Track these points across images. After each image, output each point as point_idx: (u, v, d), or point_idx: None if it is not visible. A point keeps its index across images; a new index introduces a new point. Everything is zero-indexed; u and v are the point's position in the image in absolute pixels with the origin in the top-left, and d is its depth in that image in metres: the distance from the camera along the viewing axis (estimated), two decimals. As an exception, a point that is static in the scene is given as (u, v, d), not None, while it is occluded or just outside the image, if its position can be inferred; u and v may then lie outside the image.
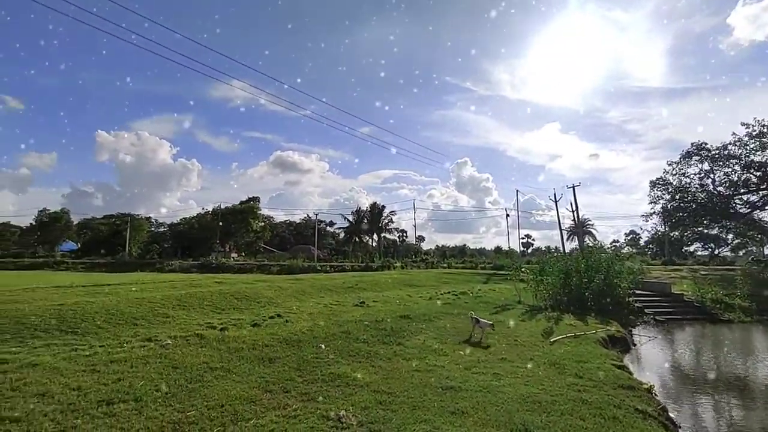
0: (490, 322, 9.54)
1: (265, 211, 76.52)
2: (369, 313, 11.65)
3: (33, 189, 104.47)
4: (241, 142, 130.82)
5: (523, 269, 21.12)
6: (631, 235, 78.05)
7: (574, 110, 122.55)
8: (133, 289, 12.89)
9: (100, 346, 6.94)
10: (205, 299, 11.37)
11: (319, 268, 39.93)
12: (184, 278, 21.72)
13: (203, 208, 72.69)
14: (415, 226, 66.23)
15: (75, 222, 74.61)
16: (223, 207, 66.43)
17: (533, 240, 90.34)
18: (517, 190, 73.00)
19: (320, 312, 11.57)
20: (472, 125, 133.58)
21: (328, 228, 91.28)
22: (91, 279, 21.12)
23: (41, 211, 72.73)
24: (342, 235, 78.81)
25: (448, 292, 17.94)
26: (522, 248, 77.93)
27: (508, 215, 57.89)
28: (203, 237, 65.35)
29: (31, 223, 73.21)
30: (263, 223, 73.12)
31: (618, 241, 76.71)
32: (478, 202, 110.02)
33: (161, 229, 77.60)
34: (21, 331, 7.28)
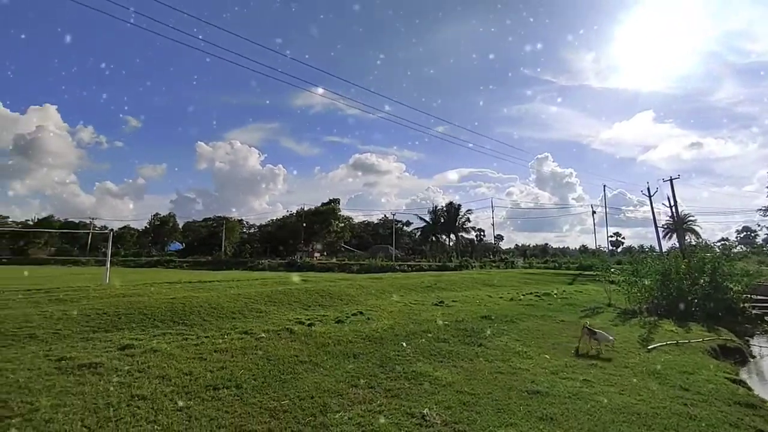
0: (612, 337, 8.25)
1: (344, 212, 79.08)
2: (448, 312, 11.59)
3: (147, 196, 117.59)
4: (322, 146, 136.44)
5: (613, 269, 19.66)
6: (744, 233, 69.26)
7: (671, 95, 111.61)
8: (230, 286, 14.01)
9: (205, 337, 7.66)
10: (293, 296, 12.05)
11: (397, 267, 40.40)
12: (273, 276, 23.17)
13: (288, 211, 76.92)
14: (493, 225, 64.52)
15: (180, 225, 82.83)
16: (306, 209, 69.78)
17: (623, 238, 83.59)
18: (604, 185, 67.69)
19: (400, 311, 11.74)
20: (553, 118, 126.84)
21: (404, 228, 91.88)
22: (195, 276, 23.31)
23: (154, 215, 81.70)
24: (419, 234, 78.94)
25: (530, 293, 17.25)
26: (611, 247, 72.50)
27: (594, 212, 54.11)
28: (289, 237, 69.07)
29: (146, 226, 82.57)
30: (343, 224, 75.60)
31: (727, 239, 68.35)
32: (560, 198, 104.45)
33: (251, 230, 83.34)
34: (143, 320, 8.28)
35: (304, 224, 66.00)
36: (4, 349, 6.19)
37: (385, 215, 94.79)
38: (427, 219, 72.51)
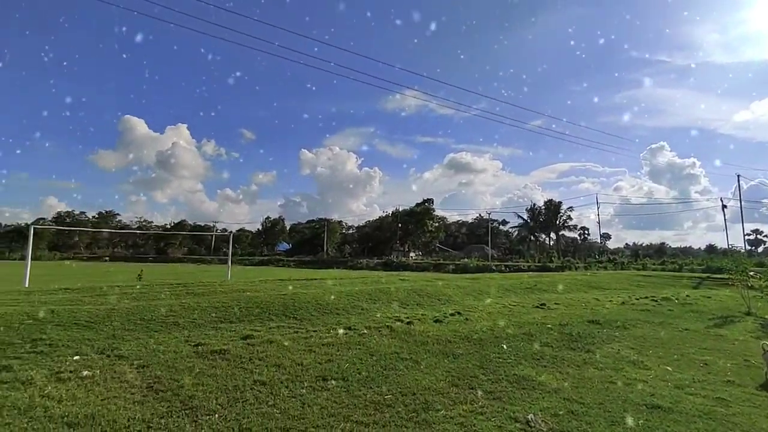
0: None
1: (439, 212, 78.80)
2: (551, 315, 10.96)
3: (260, 201, 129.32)
4: (415, 147, 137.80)
5: (752, 272, 16.94)
6: None
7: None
8: (333, 284, 14.77)
9: (313, 331, 8.19)
10: (391, 295, 12.33)
11: (493, 267, 39.21)
12: (372, 275, 23.92)
13: (384, 212, 78.88)
14: (599, 223, 59.55)
15: (287, 226, 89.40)
16: (401, 209, 70.84)
17: (765, 237, 71.51)
18: (738, 176, 58.46)
19: (499, 312, 11.39)
20: (668, 103, 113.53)
21: (500, 227, 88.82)
22: (301, 274, 24.98)
23: (265, 218, 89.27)
24: (515, 234, 75.71)
25: (646, 297, 15.59)
26: (748, 246, 62.50)
27: (725, 206, 47.19)
28: (385, 237, 70.75)
29: (258, 228, 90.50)
30: (437, 224, 75.36)
31: None
32: (680, 192, 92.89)
33: (350, 231, 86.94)
34: (260, 314, 9.11)
35: (400, 225, 67.07)
36: (156, 333, 7.26)
37: (479, 214, 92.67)
38: (525, 217, 69.27)
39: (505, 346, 7.63)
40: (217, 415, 4.39)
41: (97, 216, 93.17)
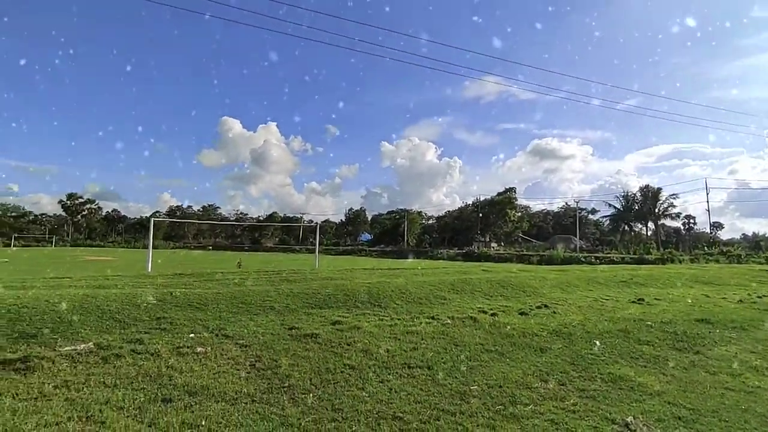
0: None
1: (521, 201, 75.57)
2: (651, 312, 10.00)
3: (343, 193, 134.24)
4: (496, 134, 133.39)
5: None
6: None
7: None
8: (415, 273, 14.87)
9: (398, 319, 8.33)
10: (474, 285, 12.10)
11: (582, 259, 36.76)
12: (454, 266, 23.73)
13: (464, 202, 77.45)
14: (708, 211, 53.01)
15: (369, 217, 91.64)
16: (482, 199, 69.04)
17: None
18: None
19: (590, 306, 10.65)
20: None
21: (590, 216, 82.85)
22: (383, 263, 25.49)
23: (348, 210, 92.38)
24: (607, 223, 70.16)
25: (768, 295, 13.59)
26: None
27: None
28: (465, 228, 69.53)
29: (341, 220, 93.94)
30: (520, 213, 72.38)
31: None
32: (813, 175, 78.99)
33: (430, 222, 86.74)
34: (347, 301, 9.47)
35: (480, 215, 65.44)
36: (255, 316, 7.88)
37: (566, 203, 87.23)
38: (617, 206, 63.84)
39: (598, 343, 7.12)
40: (311, 395, 4.66)
41: (201, 209, 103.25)
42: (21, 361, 5.07)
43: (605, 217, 72.91)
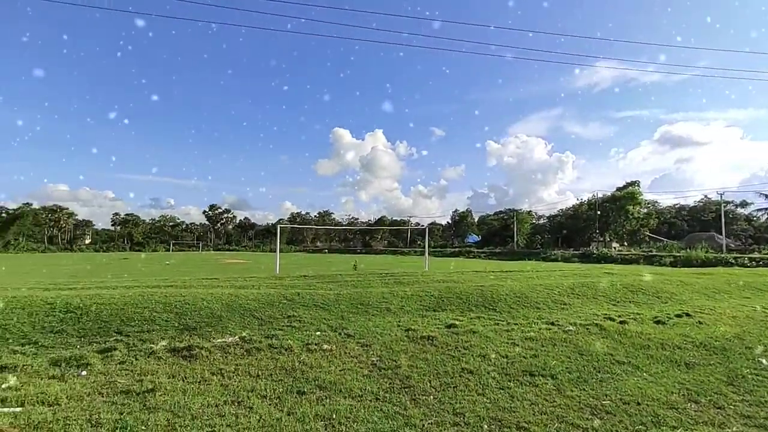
0: None
1: (647, 196, 67.09)
2: (835, 326, 8.09)
3: (449, 194, 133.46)
4: (614, 124, 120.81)
5: None
6: None
7: None
8: (529, 276, 14.08)
9: (514, 324, 7.96)
10: (596, 289, 11.06)
11: (731, 260, 31.23)
12: (571, 268, 21.97)
13: (579, 199, 71.26)
14: None
15: (476, 218, 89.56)
16: (600, 195, 62.88)
17: None
18: None
19: (748, 316, 8.99)
20: None
21: (738, 210, 70.30)
22: (493, 265, 24.64)
23: (454, 211, 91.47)
24: (764, 218, 58.83)
25: None
26: None
27: None
28: (580, 227, 64.02)
29: (448, 222, 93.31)
30: (646, 209, 64.31)
31: None
32: None
33: (541, 221, 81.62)
34: (460, 304, 9.34)
35: (598, 212, 59.61)
36: (373, 317, 8.19)
37: (705, 195, 75.21)
38: (777, 197, 53.12)
39: (765, 362, 5.97)
40: (432, 397, 4.67)
41: (317, 215, 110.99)
42: (186, 350, 5.95)
43: (760, 210, 61.22)
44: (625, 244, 61.52)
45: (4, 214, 79.10)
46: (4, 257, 52.10)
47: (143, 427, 3.80)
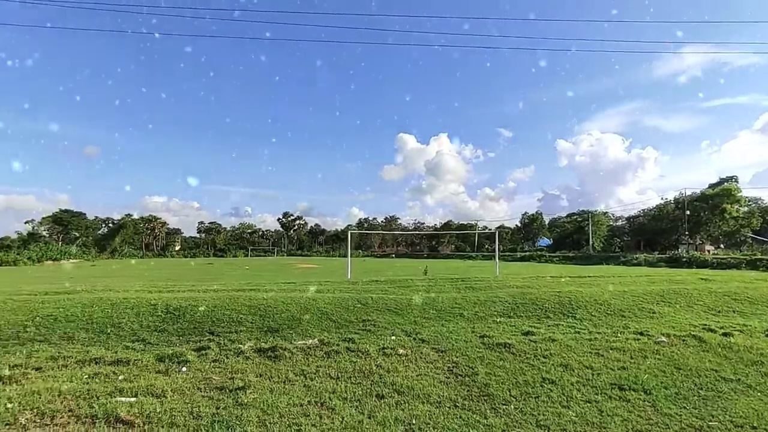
0: None
1: (748, 192, 59.69)
2: None
3: (518, 197, 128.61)
4: (703, 115, 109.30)
5: None
6: None
7: None
8: (610, 281, 13.11)
9: (597, 333, 7.44)
10: (691, 297, 10.01)
11: None
12: (659, 273, 20.11)
13: (663, 198, 65.18)
14: None
15: (547, 221, 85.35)
16: (688, 193, 57.05)
17: None
18: None
19: None
20: None
21: None
22: (568, 270, 23.28)
23: (523, 214, 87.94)
24: None
25: None
26: None
27: None
28: (666, 228, 58.54)
29: (517, 225, 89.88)
30: (746, 207, 57.22)
31: None
32: None
33: (619, 223, 75.88)
34: (536, 310, 8.92)
35: (687, 212, 54.05)
36: (446, 322, 8.10)
37: (822, 191, 65.18)
38: None
39: None
40: (512, 406, 4.50)
41: (384, 220, 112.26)
42: (271, 350, 6.28)
43: None
44: (722, 246, 55.11)
45: (110, 224, 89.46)
46: (113, 263, 58.75)
47: (237, 422, 4.05)
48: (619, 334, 7.33)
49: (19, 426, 3.90)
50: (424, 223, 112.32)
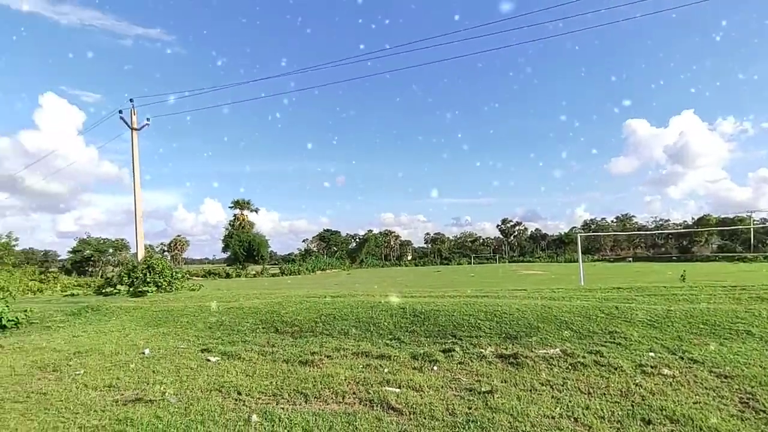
0: None
1: None
2: None
3: None
4: None
5: None
6: None
7: None
8: None
9: None
10: None
11: None
12: None
13: None
14: None
15: None
16: None
17: None
18: None
19: None
20: None
21: None
22: None
23: None
24: None
25: None
26: None
27: None
28: None
29: None
30: None
31: None
32: None
33: None
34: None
35: None
36: (726, 341, 6.41)
37: None
38: None
39: None
40: None
41: (615, 220, 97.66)
42: (512, 357, 6.31)
43: None
44: None
45: (357, 239, 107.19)
46: (362, 271, 69.95)
47: (490, 425, 4.23)
48: None
49: (322, 400, 5.09)
50: (668, 220, 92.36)
